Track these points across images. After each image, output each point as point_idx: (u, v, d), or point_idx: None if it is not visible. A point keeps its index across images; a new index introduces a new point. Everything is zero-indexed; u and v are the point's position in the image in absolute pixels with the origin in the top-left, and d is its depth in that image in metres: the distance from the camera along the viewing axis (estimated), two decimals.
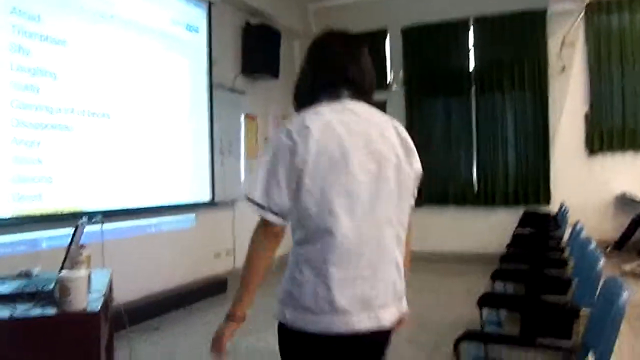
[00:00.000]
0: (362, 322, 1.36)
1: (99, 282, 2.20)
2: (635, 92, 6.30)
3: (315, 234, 1.35)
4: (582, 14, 6.43)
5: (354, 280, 1.35)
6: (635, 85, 6.30)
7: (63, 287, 1.69)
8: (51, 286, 1.83)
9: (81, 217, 2.26)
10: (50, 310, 1.70)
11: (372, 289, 1.37)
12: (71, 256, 2.09)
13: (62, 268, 1.94)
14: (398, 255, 1.47)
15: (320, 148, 1.34)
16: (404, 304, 1.50)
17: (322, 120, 1.38)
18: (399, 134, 1.48)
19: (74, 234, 2.07)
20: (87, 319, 1.71)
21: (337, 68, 1.52)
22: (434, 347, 3.54)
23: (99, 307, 1.75)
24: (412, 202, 1.51)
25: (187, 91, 5.09)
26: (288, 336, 1.47)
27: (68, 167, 3.77)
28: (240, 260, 6.20)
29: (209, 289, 5.21)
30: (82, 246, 2.37)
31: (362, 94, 1.50)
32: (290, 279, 1.44)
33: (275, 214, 1.38)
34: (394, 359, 3.32)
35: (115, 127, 4.19)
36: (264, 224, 1.41)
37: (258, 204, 1.39)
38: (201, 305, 4.88)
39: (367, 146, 1.39)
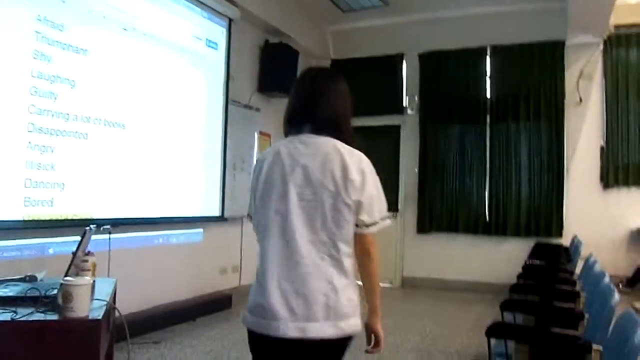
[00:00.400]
0: (288, 329, 1.53)
1: (103, 290, 2.18)
2: None
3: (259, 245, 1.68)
4: (601, 46, 6.43)
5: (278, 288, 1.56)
6: None
7: (66, 293, 1.67)
8: (54, 291, 1.81)
9: (89, 225, 2.25)
10: (52, 316, 1.68)
11: (296, 299, 1.54)
12: (77, 263, 2.07)
13: (67, 274, 1.92)
14: (333, 274, 1.57)
15: (267, 177, 1.66)
16: (348, 323, 1.57)
17: (274, 152, 1.69)
18: (343, 167, 1.60)
19: (81, 241, 2.06)
20: (89, 326, 1.68)
21: (298, 105, 1.74)
22: None
23: (101, 315, 1.73)
24: (357, 228, 1.61)
25: (202, 106, 5.13)
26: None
27: (81, 174, 3.79)
28: (246, 278, 6.22)
29: (213, 305, 5.18)
30: (88, 253, 2.36)
31: (324, 127, 1.66)
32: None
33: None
34: None
35: (129, 138, 4.22)
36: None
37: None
38: (205, 320, 4.84)
39: (306, 176, 1.59)
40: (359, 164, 1.63)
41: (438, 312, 5.47)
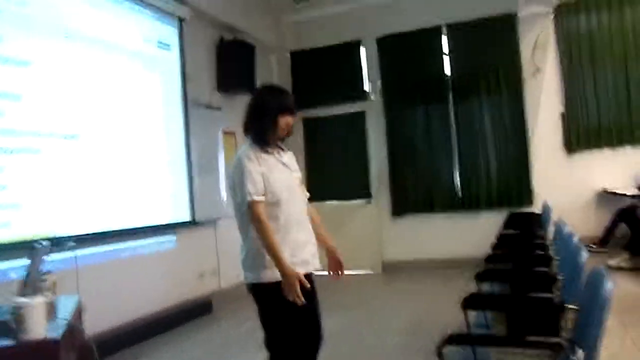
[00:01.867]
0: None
1: (65, 308, 2.08)
2: (607, 91, 6.37)
3: None
4: (552, 15, 6.51)
5: None
6: (607, 84, 6.37)
7: (19, 316, 1.58)
8: (8, 315, 1.71)
9: (39, 242, 2.15)
10: (6, 341, 1.59)
11: None
12: (32, 283, 1.97)
13: (21, 295, 1.83)
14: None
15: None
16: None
17: None
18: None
19: (32, 260, 1.95)
20: (46, 347, 1.59)
21: None
22: (426, 354, 3.45)
23: (60, 335, 1.64)
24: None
25: (160, 109, 5.00)
26: None
27: (37, 192, 3.64)
28: (225, 280, 6.11)
29: (193, 311, 5.08)
30: (47, 272, 2.26)
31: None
32: None
33: None
34: None
35: (85, 149, 4.07)
36: None
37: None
38: (186, 328, 4.74)
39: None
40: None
41: (420, 292, 5.49)
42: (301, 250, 2.29)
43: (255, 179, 2.21)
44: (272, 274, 2.19)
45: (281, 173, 2.32)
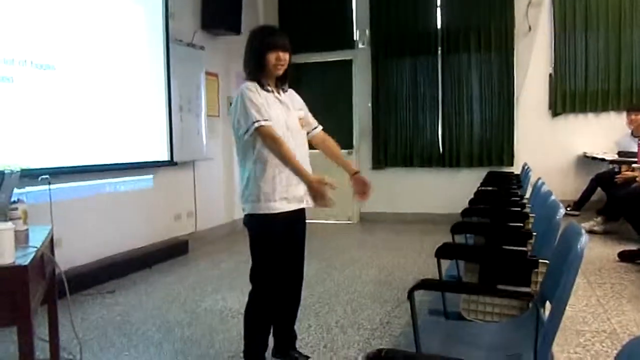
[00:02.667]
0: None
1: (36, 238, 2.04)
2: (597, 55, 6.34)
3: None
4: None
5: None
6: (597, 48, 6.34)
7: None
8: None
9: (6, 169, 2.08)
10: None
11: None
12: (0, 211, 1.92)
13: None
14: None
15: None
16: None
17: None
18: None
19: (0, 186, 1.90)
20: (14, 272, 1.57)
21: None
22: (396, 303, 3.54)
23: (28, 261, 1.61)
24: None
25: (142, 45, 4.82)
26: None
27: (9, 122, 3.52)
28: (202, 223, 6.16)
29: (169, 251, 5.09)
30: (17, 201, 2.21)
31: None
32: None
33: None
34: (357, 314, 3.32)
35: (62, 80, 3.93)
36: None
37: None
38: (161, 267, 4.76)
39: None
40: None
41: (396, 244, 5.57)
42: (295, 187, 2.34)
43: (258, 107, 2.25)
44: (267, 206, 2.29)
45: (279, 110, 2.36)
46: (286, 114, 2.38)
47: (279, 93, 2.41)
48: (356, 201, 2.43)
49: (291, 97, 2.50)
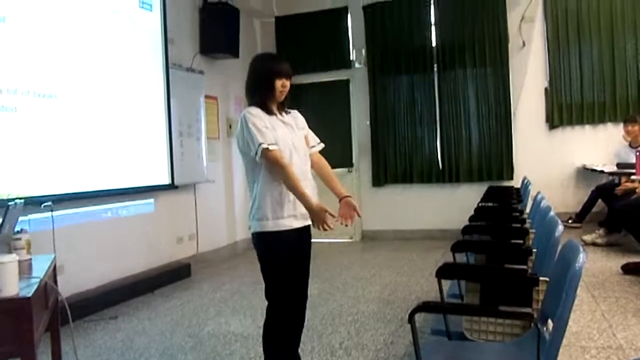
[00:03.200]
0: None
1: (39, 268, 2.06)
2: (592, 67, 6.40)
3: None
4: None
5: None
6: (592, 60, 6.40)
7: None
8: None
9: (14, 201, 2.11)
10: None
11: None
12: (5, 241, 1.94)
13: None
14: None
15: None
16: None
17: None
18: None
19: (4, 218, 1.92)
20: (18, 304, 1.58)
21: None
22: (400, 323, 3.53)
23: (32, 293, 1.62)
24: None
25: (142, 71, 4.88)
26: None
27: (13, 151, 3.56)
28: (203, 245, 6.17)
29: (171, 275, 5.09)
30: (21, 231, 2.22)
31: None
32: None
33: None
34: (361, 335, 3.31)
35: (63, 108, 3.98)
36: None
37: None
38: (164, 291, 4.75)
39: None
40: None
41: (398, 262, 5.56)
42: (301, 205, 2.35)
43: (262, 131, 2.30)
44: (273, 224, 2.34)
45: (284, 131, 2.41)
46: (292, 134, 2.44)
47: (281, 115, 2.47)
48: (339, 222, 2.38)
49: (294, 117, 2.56)
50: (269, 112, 2.40)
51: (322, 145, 2.65)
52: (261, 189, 2.35)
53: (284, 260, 2.38)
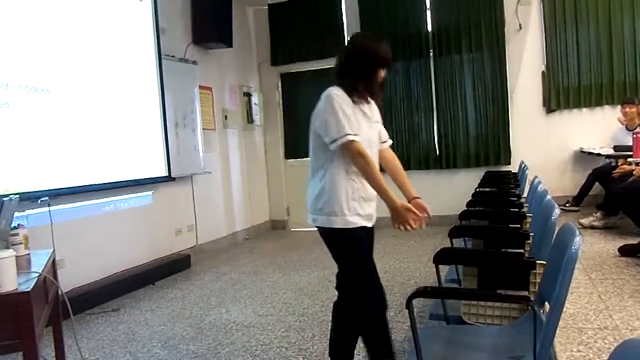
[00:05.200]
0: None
1: (38, 262, 2.06)
2: (589, 49, 6.38)
3: None
4: None
5: None
6: (589, 42, 6.37)
7: None
8: None
9: (8, 196, 2.10)
10: None
11: None
12: (1, 237, 1.94)
13: None
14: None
15: None
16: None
17: None
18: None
19: (0, 214, 1.92)
20: (18, 299, 1.58)
21: None
22: (399, 308, 3.55)
23: (31, 287, 1.63)
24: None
25: (134, 62, 4.84)
26: None
27: (7, 146, 3.54)
28: (202, 237, 6.18)
29: (172, 267, 5.10)
30: (18, 226, 2.22)
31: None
32: None
33: None
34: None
35: (57, 103, 3.95)
36: None
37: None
38: (165, 282, 4.77)
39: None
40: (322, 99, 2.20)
41: (396, 248, 5.58)
42: (370, 205, 2.28)
43: (350, 119, 2.12)
44: (344, 222, 2.19)
45: (364, 124, 2.23)
46: (369, 128, 2.28)
47: (363, 104, 2.25)
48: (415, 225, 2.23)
49: (371, 108, 2.33)
50: (354, 99, 2.19)
51: (391, 141, 2.52)
52: (333, 181, 2.18)
53: (359, 252, 2.27)
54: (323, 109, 2.16)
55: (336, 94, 2.14)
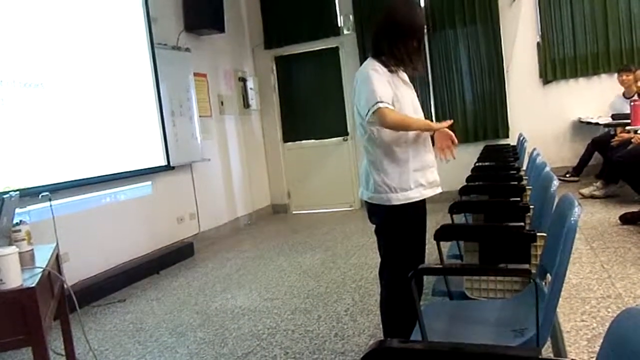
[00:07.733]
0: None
1: (42, 257, 2.07)
2: (584, 18, 6.32)
3: None
4: None
5: None
6: (583, 11, 6.31)
7: None
8: None
9: (8, 193, 2.11)
10: None
11: None
12: (3, 234, 1.95)
13: None
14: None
15: None
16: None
17: None
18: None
19: (1, 211, 1.92)
20: (23, 295, 1.60)
21: None
22: None
23: (36, 282, 1.64)
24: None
25: (126, 52, 4.81)
26: None
27: (6, 143, 3.54)
28: (205, 224, 6.18)
29: (175, 255, 5.13)
30: (20, 222, 2.23)
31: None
32: None
33: None
34: (365, 300, 3.36)
35: (51, 97, 3.94)
36: None
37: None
38: (169, 271, 4.80)
39: None
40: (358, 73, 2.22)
41: None
42: (431, 172, 2.27)
43: (384, 88, 2.07)
44: (401, 197, 2.16)
45: (405, 91, 2.21)
46: (412, 94, 2.26)
47: (400, 73, 2.23)
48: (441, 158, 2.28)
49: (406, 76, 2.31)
50: (390, 69, 2.15)
51: None
52: (380, 155, 2.16)
53: (411, 232, 2.22)
54: (361, 84, 2.15)
55: (373, 69, 2.11)
